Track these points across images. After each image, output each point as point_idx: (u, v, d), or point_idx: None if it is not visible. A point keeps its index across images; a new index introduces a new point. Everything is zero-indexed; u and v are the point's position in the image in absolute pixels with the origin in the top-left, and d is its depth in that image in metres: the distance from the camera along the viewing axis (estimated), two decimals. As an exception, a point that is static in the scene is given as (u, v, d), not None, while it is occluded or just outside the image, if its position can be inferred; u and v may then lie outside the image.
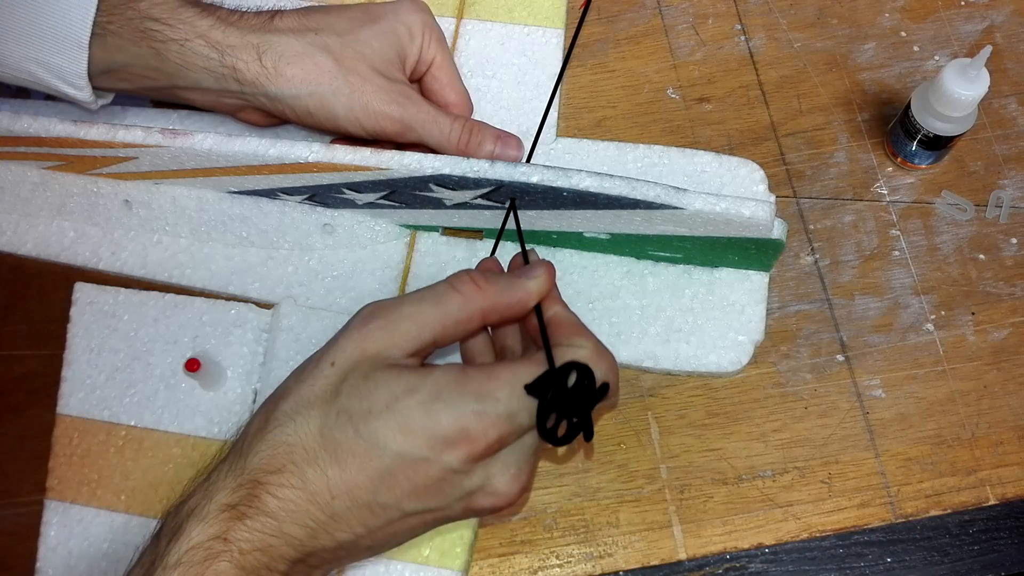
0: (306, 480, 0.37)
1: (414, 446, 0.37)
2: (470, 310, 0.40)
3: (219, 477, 0.38)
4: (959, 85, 0.51)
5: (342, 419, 0.38)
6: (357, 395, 0.38)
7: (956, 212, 0.56)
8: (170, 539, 0.37)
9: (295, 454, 0.38)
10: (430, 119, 0.50)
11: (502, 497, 0.40)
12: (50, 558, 0.49)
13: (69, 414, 0.51)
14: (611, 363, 0.41)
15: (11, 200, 0.55)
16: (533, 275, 0.42)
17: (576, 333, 0.41)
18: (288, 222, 0.54)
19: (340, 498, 0.38)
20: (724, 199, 0.46)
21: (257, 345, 0.52)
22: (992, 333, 0.54)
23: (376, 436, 0.38)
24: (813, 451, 0.51)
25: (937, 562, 0.50)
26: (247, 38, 0.48)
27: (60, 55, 0.47)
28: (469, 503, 0.40)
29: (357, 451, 0.38)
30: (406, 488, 0.38)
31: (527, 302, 0.42)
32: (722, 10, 0.62)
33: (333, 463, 0.38)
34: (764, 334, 0.52)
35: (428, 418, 0.38)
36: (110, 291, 0.53)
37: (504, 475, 0.39)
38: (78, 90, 0.49)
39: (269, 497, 0.37)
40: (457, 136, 0.51)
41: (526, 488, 0.41)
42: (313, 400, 0.39)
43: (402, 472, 0.38)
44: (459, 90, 0.54)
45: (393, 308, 0.40)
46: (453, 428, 0.37)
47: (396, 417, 0.38)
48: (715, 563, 0.50)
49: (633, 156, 0.56)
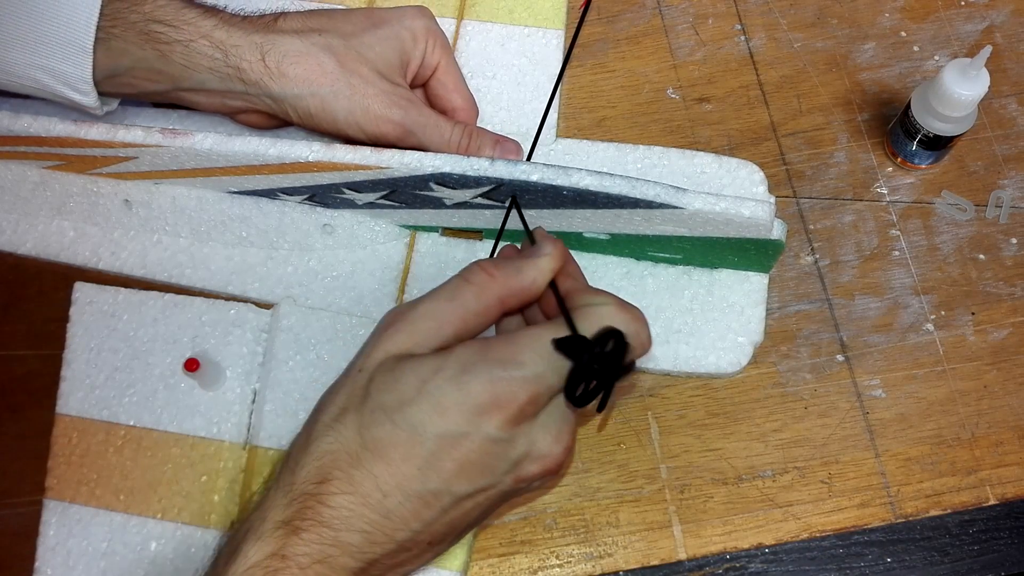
0: (354, 483, 0.37)
1: (452, 422, 0.37)
2: (487, 299, 0.40)
3: (271, 497, 0.38)
4: (959, 85, 0.51)
5: (377, 416, 0.38)
6: (386, 389, 0.38)
7: (956, 212, 0.56)
8: (227, 560, 0.37)
9: (339, 460, 0.38)
10: (431, 124, 0.50)
11: (548, 459, 0.39)
12: (49, 558, 0.49)
13: (68, 414, 0.51)
14: (635, 314, 0.40)
15: (11, 200, 0.55)
16: (543, 252, 0.42)
17: (594, 292, 0.41)
18: (288, 222, 0.54)
19: (391, 494, 0.37)
20: (724, 199, 0.46)
21: (256, 345, 0.52)
22: (992, 333, 0.54)
23: (413, 422, 0.37)
24: (813, 451, 0.51)
25: (937, 562, 0.50)
26: (251, 38, 0.48)
27: (65, 61, 0.48)
28: (518, 473, 0.39)
29: (398, 442, 0.37)
30: (452, 469, 0.38)
31: (541, 280, 0.41)
32: (722, 10, 0.62)
33: (378, 460, 0.37)
34: (763, 335, 0.52)
35: (459, 391, 0.37)
36: (110, 291, 0.53)
37: (546, 437, 0.39)
38: (84, 95, 0.49)
39: (322, 507, 0.37)
40: (457, 141, 0.51)
41: (570, 448, 0.40)
42: (347, 406, 0.39)
43: (446, 452, 0.37)
44: (464, 94, 0.54)
45: (411, 309, 0.41)
46: (484, 396, 0.37)
47: (428, 399, 0.38)
48: (715, 563, 0.50)
49: (633, 157, 0.56)
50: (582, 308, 0.40)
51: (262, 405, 0.50)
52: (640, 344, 0.40)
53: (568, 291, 0.42)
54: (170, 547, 0.48)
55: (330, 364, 0.51)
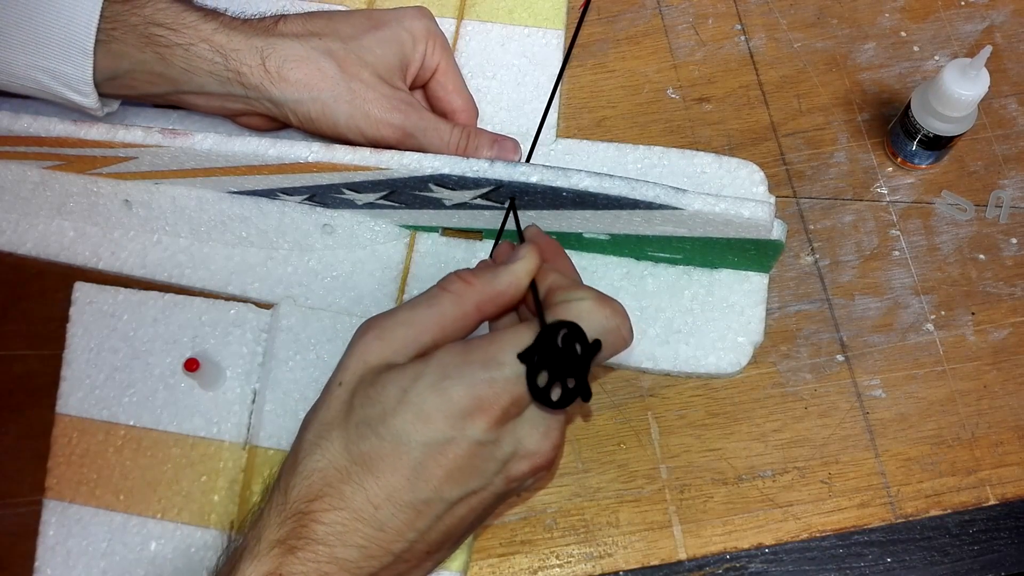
0: (346, 499, 0.38)
1: (436, 429, 0.37)
2: (464, 305, 0.41)
3: (265, 517, 0.38)
4: (959, 85, 0.51)
5: (362, 429, 0.38)
6: (369, 402, 0.39)
7: (956, 212, 0.56)
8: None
9: (329, 477, 0.38)
10: (430, 127, 0.50)
11: (538, 456, 0.40)
12: (49, 557, 0.49)
13: (68, 414, 0.51)
14: (615, 308, 0.40)
15: (11, 200, 0.55)
16: (518, 257, 0.42)
17: (574, 287, 0.41)
18: (288, 222, 0.54)
19: (382, 506, 0.38)
20: (724, 200, 0.46)
21: (256, 345, 0.52)
22: (992, 333, 0.54)
23: (397, 433, 0.38)
24: (813, 451, 0.51)
25: (937, 562, 0.50)
26: (251, 42, 0.48)
27: (65, 62, 0.48)
28: (508, 473, 0.39)
29: (384, 454, 0.38)
30: (441, 476, 0.38)
31: (518, 284, 0.42)
32: (722, 10, 0.62)
33: (366, 474, 0.38)
34: (763, 335, 0.52)
35: (440, 398, 0.38)
36: (110, 291, 0.53)
37: (533, 434, 0.39)
38: (84, 97, 0.49)
39: (316, 525, 0.37)
40: (455, 143, 0.51)
41: (558, 445, 0.41)
42: (331, 422, 0.39)
43: (432, 460, 0.38)
44: (464, 96, 0.54)
45: (388, 318, 0.41)
46: (466, 399, 0.37)
47: (410, 407, 0.38)
48: (715, 563, 0.50)
49: (633, 157, 0.56)
50: (560, 304, 0.40)
51: (262, 405, 0.50)
52: (621, 338, 0.40)
53: (552, 287, 0.42)
54: (170, 547, 0.48)
55: (330, 364, 0.50)
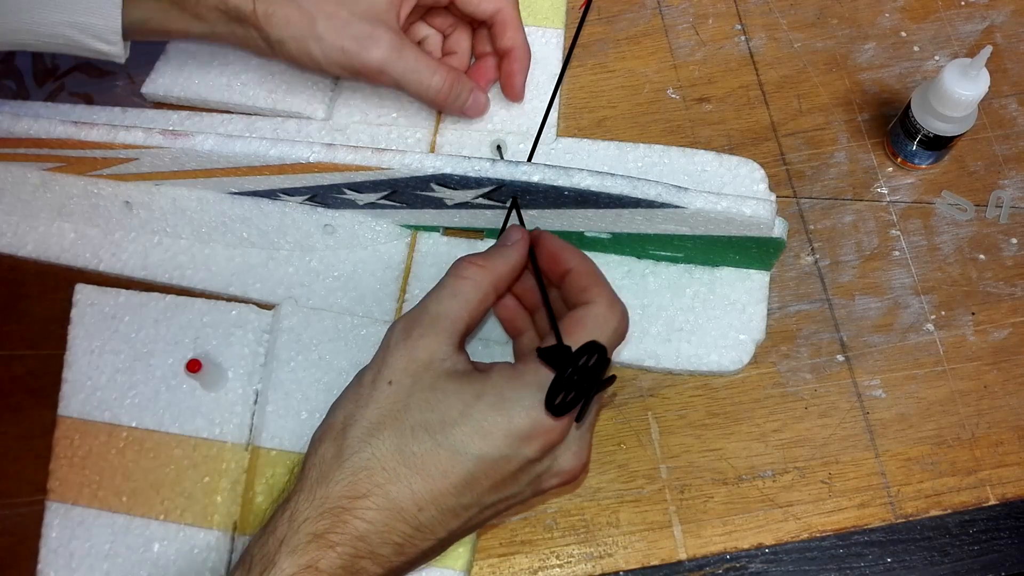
0: (391, 499, 0.39)
1: (494, 447, 0.39)
2: (484, 288, 0.43)
3: (301, 506, 0.39)
4: (959, 85, 0.51)
5: (418, 433, 0.39)
6: (428, 407, 0.40)
7: (956, 212, 0.57)
8: (262, 570, 0.38)
9: (375, 476, 0.39)
10: (410, 69, 0.52)
11: (567, 474, 0.42)
12: (51, 560, 0.49)
13: (70, 416, 0.51)
14: (621, 315, 0.43)
15: (11, 202, 0.55)
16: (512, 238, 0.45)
17: (591, 284, 0.43)
18: (289, 223, 0.54)
19: (426, 509, 0.39)
20: (725, 198, 0.46)
21: (258, 346, 0.52)
22: (992, 333, 0.54)
23: (455, 443, 0.39)
24: (813, 451, 0.51)
25: (937, 562, 0.50)
26: None
27: (96, 15, 0.50)
28: (538, 485, 0.42)
29: (438, 460, 0.39)
30: (487, 486, 0.40)
31: (517, 257, 0.45)
32: (722, 10, 0.62)
33: (416, 476, 0.39)
34: (765, 333, 0.52)
35: (502, 418, 0.39)
36: (111, 292, 0.53)
37: (567, 454, 0.42)
38: (112, 45, 0.52)
39: (358, 522, 0.38)
40: (437, 88, 0.53)
41: (586, 464, 0.43)
42: (382, 421, 0.40)
43: (484, 472, 0.40)
44: (516, 39, 0.55)
45: (423, 315, 0.42)
46: (527, 422, 0.39)
47: (471, 423, 0.39)
48: (715, 563, 0.50)
49: (633, 156, 0.56)
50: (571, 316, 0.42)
51: (264, 406, 0.50)
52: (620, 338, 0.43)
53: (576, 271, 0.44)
54: (173, 548, 0.48)
55: (332, 364, 0.51)
